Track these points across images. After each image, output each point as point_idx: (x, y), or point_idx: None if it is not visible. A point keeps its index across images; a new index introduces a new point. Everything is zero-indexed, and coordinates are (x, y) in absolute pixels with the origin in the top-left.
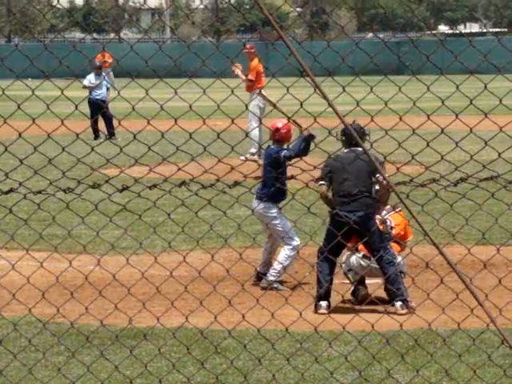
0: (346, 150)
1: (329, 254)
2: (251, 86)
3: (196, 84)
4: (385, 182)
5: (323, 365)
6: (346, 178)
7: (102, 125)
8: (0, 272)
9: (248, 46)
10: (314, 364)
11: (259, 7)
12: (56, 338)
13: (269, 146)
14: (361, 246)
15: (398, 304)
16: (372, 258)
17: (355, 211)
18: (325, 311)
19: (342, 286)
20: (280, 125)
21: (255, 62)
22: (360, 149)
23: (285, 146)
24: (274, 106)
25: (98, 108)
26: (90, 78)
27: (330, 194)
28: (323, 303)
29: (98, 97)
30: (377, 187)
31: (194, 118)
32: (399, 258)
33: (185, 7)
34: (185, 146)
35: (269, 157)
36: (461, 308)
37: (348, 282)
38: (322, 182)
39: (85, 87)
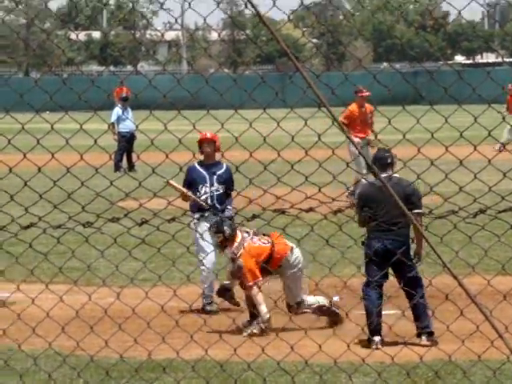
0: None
1: (374, 285)
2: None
3: (213, 117)
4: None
5: None
6: (383, 206)
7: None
8: (20, 305)
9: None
10: None
11: (277, 40)
12: (76, 372)
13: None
14: None
15: (424, 336)
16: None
17: (393, 239)
18: (379, 346)
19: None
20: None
21: None
22: (395, 175)
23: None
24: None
25: (127, 141)
26: (118, 111)
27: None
28: (376, 338)
29: (125, 129)
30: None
31: None
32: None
33: (201, 39)
34: None
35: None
36: (481, 339)
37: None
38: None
39: (112, 126)
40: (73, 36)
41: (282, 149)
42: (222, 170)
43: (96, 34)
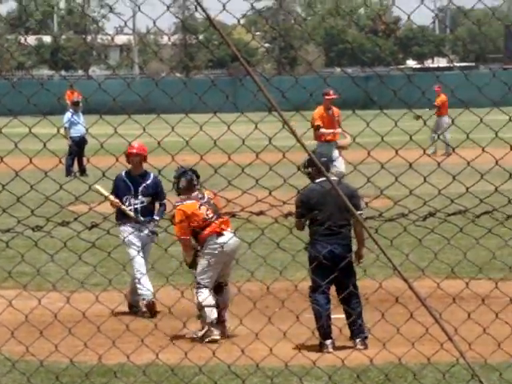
0: (318, 181)
1: (321, 289)
2: None
3: (165, 121)
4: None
5: None
6: (327, 209)
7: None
8: None
9: None
10: None
11: (227, 44)
12: (25, 377)
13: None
14: None
15: (358, 340)
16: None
17: (338, 244)
18: (331, 350)
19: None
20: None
21: None
22: (333, 178)
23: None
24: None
25: (77, 145)
26: (69, 116)
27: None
28: (328, 342)
29: (76, 134)
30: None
31: (163, 154)
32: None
33: (153, 43)
34: None
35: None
36: (430, 342)
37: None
38: (303, 220)
39: (65, 129)
40: (23, 40)
41: (233, 152)
42: (148, 182)
43: (47, 39)
